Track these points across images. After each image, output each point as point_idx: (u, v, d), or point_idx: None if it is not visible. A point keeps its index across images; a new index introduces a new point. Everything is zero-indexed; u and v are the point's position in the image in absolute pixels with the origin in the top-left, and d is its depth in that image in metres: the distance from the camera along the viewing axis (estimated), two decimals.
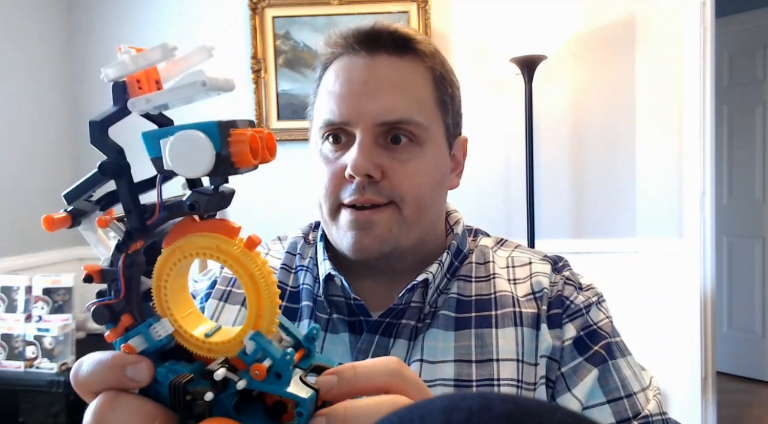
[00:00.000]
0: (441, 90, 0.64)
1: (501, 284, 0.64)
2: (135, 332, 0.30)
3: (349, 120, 0.59)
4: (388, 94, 0.59)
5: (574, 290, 0.63)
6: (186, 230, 0.30)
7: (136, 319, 0.30)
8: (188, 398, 0.29)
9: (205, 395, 0.28)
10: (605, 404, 0.57)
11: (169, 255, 0.30)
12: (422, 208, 0.61)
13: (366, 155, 0.57)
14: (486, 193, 2.26)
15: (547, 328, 0.60)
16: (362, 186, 0.58)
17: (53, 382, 1.63)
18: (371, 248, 0.59)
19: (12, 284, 1.72)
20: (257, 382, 0.29)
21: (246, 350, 0.29)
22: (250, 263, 0.29)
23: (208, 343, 0.30)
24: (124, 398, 0.29)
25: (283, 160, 2.32)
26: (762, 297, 3.31)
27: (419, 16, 2.21)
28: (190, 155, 0.27)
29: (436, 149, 0.62)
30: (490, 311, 0.62)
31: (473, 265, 0.66)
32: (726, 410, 2.67)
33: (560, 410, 0.22)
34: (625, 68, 2.24)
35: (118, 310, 0.30)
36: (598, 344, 0.60)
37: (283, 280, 0.67)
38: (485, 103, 2.24)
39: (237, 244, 0.29)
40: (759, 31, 3.27)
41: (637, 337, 2.21)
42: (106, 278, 0.30)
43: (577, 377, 0.59)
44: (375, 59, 0.61)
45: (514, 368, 0.59)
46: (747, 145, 3.36)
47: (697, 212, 2.11)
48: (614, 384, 0.58)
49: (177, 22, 2.35)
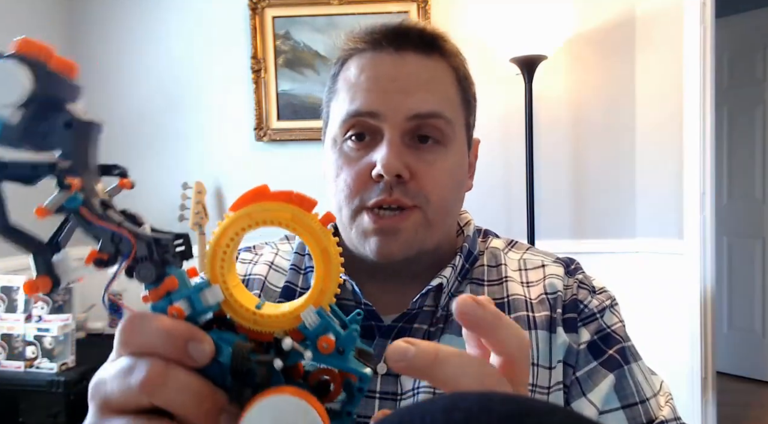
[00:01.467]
0: (464, 89, 0.63)
1: (514, 288, 0.63)
2: (181, 294, 0.29)
3: (377, 111, 0.57)
4: (419, 89, 0.58)
5: (588, 294, 0.63)
6: (257, 198, 0.29)
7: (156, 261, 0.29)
8: (250, 367, 0.28)
9: (275, 362, 0.27)
10: (620, 410, 0.57)
11: (236, 220, 0.29)
12: (446, 210, 0.60)
13: (397, 154, 0.55)
14: (486, 193, 2.26)
15: (564, 332, 0.60)
16: (390, 186, 0.56)
17: (53, 382, 1.63)
18: (398, 253, 0.57)
19: (12, 284, 1.72)
20: (323, 355, 0.28)
21: (307, 323, 0.29)
22: (325, 237, 0.29)
23: (258, 315, 0.29)
24: (178, 373, 0.26)
25: (283, 160, 2.33)
26: (762, 297, 3.31)
27: (419, 16, 2.21)
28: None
29: (458, 149, 0.61)
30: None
31: (485, 268, 0.65)
32: (726, 410, 2.67)
33: (560, 411, 0.22)
34: (625, 68, 2.24)
35: (158, 268, 0.28)
36: (612, 347, 0.60)
37: (293, 281, 0.66)
38: (485, 103, 2.23)
39: (313, 217, 0.29)
40: (759, 31, 3.27)
41: (638, 337, 2.20)
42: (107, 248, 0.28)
43: (592, 382, 0.58)
44: (403, 56, 0.59)
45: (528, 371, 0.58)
46: (747, 145, 3.35)
47: (697, 212, 2.11)
48: (630, 390, 0.58)
49: (177, 22, 2.35)
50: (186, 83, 2.36)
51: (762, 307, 3.32)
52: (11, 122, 0.26)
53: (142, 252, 0.28)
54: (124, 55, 2.37)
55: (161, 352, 0.27)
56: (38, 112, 0.26)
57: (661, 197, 2.20)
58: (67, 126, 0.27)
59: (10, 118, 0.26)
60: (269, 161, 2.34)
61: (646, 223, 2.24)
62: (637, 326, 2.23)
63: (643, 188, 2.25)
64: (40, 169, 0.27)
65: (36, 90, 0.26)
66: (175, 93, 2.36)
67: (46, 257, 0.28)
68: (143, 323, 0.27)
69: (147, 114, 2.33)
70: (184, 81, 2.36)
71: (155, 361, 0.27)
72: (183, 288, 0.29)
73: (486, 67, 2.22)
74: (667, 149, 2.18)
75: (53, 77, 0.27)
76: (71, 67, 0.28)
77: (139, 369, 0.26)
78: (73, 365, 1.71)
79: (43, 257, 0.28)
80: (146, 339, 0.27)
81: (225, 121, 2.35)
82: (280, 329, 0.29)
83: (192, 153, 2.37)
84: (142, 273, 0.28)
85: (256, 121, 2.31)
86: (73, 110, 0.28)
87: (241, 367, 0.28)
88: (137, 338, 0.27)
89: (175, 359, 0.27)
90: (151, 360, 0.27)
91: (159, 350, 0.27)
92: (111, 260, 0.29)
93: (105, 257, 0.28)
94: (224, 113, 2.35)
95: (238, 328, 0.30)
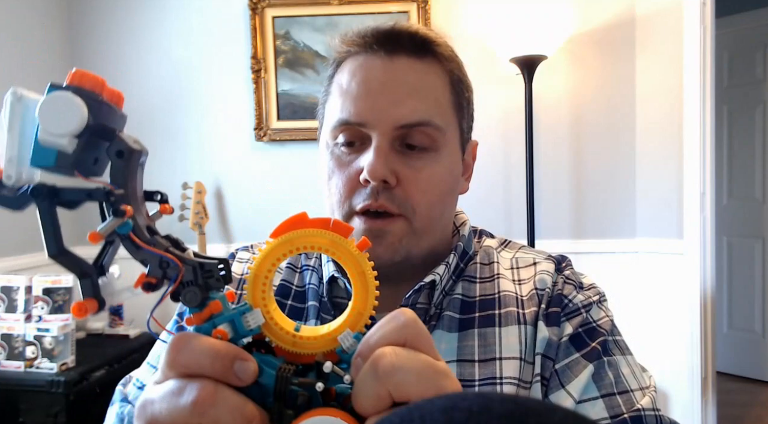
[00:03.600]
0: (458, 93, 0.63)
1: (505, 284, 0.64)
2: (224, 318, 0.30)
3: (366, 121, 0.57)
4: (408, 96, 0.58)
5: (573, 289, 0.63)
6: (296, 225, 0.30)
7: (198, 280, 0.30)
8: (293, 389, 0.28)
9: (317, 385, 0.28)
10: (598, 399, 0.55)
11: (277, 247, 0.30)
12: (433, 218, 0.60)
13: (383, 160, 0.56)
14: (486, 193, 2.26)
15: (545, 325, 0.60)
16: (376, 191, 0.57)
17: (53, 382, 1.63)
18: (383, 256, 0.58)
19: (12, 284, 1.72)
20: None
21: (345, 346, 0.30)
22: (363, 262, 0.31)
23: (298, 337, 0.30)
24: (227, 394, 0.27)
25: (283, 160, 2.33)
26: (762, 297, 3.31)
27: (419, 16, 2.21)
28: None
29: (450, 154, 0.61)
30: (493, 310, 0.61)
31: (478, 265, 0.66)
32: (726, 410, 2.67)
33: (560, 410, 0.22)
34: (625, 68, 2.24)
35: (203, 292, 0.30)
36: (595, 340, 0.59)
37: (289, 279, 0.67)
38: (485, 103, 2.24)
39: (350, 243, 0.30)
40: (759, 31, 3.27)
41: (637, 337, 2.21)
42: (155, 272, 0.29)
43: (572, 373, 0.57)
44: (394, 60, 0.59)
45: (516, 366, 0.58)
46: (747, 145, 3.35)
47: (697, 212, 2.11)
48: (609, 380, 0.56)
49: (177, 22, 2.35)
50: (186, 83, 2.36)
51: (762, 307, 3.32)
52: (67, 150, 0.27)
53: (188, 276, 0.29)
54: (124, 55, 2.37)
55: (209, 372, 0.28)
56: (91, 140, 0.28)
57: (661, 197, 2.20)
58: (119, 155, 0.29)
59: (67, 146, 0.27)
60: (269, 161, 2.35)
61: (646, 223, 2.24)
62: (637, 326, 2.23)
63: (643, 188, 2.25)
64: (95, 195, 0.28)
65: (90, 120, 0.27)
66: (175, 93, 2.36)
67: (93, 279, 0.29)
68: (190, 344, 0.28)
69: (147, 114, 2.33)
70: (184, 81, 2.36)
71: (206, 382, 0.27)
72: (226, 311, 0.30)
73: (486, 67, 2.22)
74: (667, 149, 2.18)
75: (105, 107, 0.28)
76: (120, 98, 0.30)
77: (190, 390, 0.27)
78: (73, 365, 1.71)
79: (91, 279, 0.29)
80: (194, 360, 0.28)
81: (225, 121, 2.35)
82: (318, 350, 0.30)
83: (192, 153, 2.37)
84: (188, 297, 0.29)
85: (256, 121, 2.31)
86: (124, 139, 0.29)
87: (284, 389, 0.29)
88: (185, 358, 0.28)
89: (222, 379, 0.28)
90: (201, 381, 0.27)
91: (207, 370, 0.28)
92: (159, 284, 0.30)
93: (153, 281, 0.29)
94: (224, 113, 2.35)
95: (277, 350, 0.31)
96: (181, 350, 0.28)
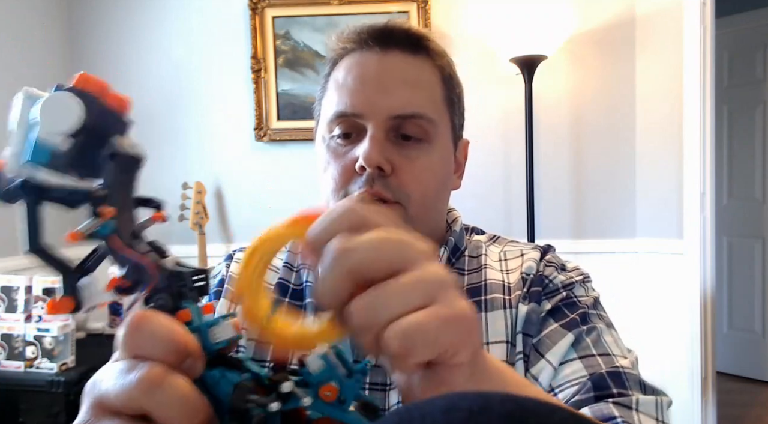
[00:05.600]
0: (449, 89, 0.65)
1: (492, 274, 0.65)
2: (191, 328, 0.29)
3: (361, 112, 0.59)
4: (401, 88, 0.59)
5: (554, 270, 0.64)
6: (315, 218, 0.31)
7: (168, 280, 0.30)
8: (248, 407, 0.28)
9: (271, 405, 0.27)
10: (576, 359, 0.54)
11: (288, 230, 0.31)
12: (428, 206, 0.61)
13: (379, 148, 0.57)
14: (486, 193, 2.26)
15: (524, 305, 0.60)
16: (372, 178, 0.58)
17: (53, 382, 1.63)
18: None
19: (12, 284, 1.72)
20: (324, 403, 0.28)
21: (311, 369, 0.29)
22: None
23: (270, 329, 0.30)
24: (178, 381, 0.26)
25: (283, 160, 2.33)
26: (762, 297, 3.31)
27: (419, 16, 2.21)
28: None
29: (443, 147, 0.63)
30: (479, 297, 0.62)
31: (466, 258, 0.67)
32: (726, 410, 2.67)
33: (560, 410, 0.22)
34: (625, 68, 2.24)
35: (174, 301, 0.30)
36: (575, 312, 0.59)
37: (286, 277, 0.68)
38: (485, 103, 2.24)
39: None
40: (759, 31, 3.27)
41: (637, 337, 2.21)
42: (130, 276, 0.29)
43: (551, 341, 0.56)
44: (388, 54, 0.61)
45: (503, 349, 0.59)
46: (747, 145, 3.35)
47: (697, 212, 2.11)
48: (588, 344, 0.55)
49: (177, 22, 2.35)
50: (186, 83, 2.36)
51: (762, 307, 3.32)
52: (60, 149, 0.28)
53: (162, 283, 0.30)
54: (124, 55, 2.37)
55: (161, 356, 0.27)
56: (86, 142, 0.28)
57: (661, 197, 2.20)
58: (111, 157, 0.29)
59: (60, 145, 0.28)
60: (269, 161, 2.34)
61: (646, 223, 2.24)
62: (637, 326, 2.23)
63: (643, 188, 2.24)
64: (75, 195, 0.29)
65: (86, 121, 0.28)
66: (175, 93, 2.36)
67: (72, 279, 0.30)
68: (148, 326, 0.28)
69: (147, 114, 2.33)
70: (184, 81, 2.36)
71: (156, 364, 0.27)
72: (194, 322, 0.30)
73: (486, 67, 2.22)
74: (667, 149, 2.18)
75: (103, 111, 0.29)
76: (124, 103, 0.30)
77: (140, 368, 0.26)
78: (73, 365, 1.71)
79: (71, 279, 0.30)
80: (148, 343, 0.27)
81: (225, 121, 2.35)
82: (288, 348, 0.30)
83: (192, 153, 2.37)
84: (158, 303, 0.29)
85: (256, 121, 2.31)
86: (117, 143, 0.29)
87: (239, 406, 0.28)
88: (139, 340, 0.28)
89: (171, 364, 0.27)
90: (152, 363, 0.27)
91: (160, 353, 0.27)
92: (132, 288, 0.30)
93: (127, 285, 0.30)
94: (224, 113, 2.35)
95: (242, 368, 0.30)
96: (136, 331, 0.28)
